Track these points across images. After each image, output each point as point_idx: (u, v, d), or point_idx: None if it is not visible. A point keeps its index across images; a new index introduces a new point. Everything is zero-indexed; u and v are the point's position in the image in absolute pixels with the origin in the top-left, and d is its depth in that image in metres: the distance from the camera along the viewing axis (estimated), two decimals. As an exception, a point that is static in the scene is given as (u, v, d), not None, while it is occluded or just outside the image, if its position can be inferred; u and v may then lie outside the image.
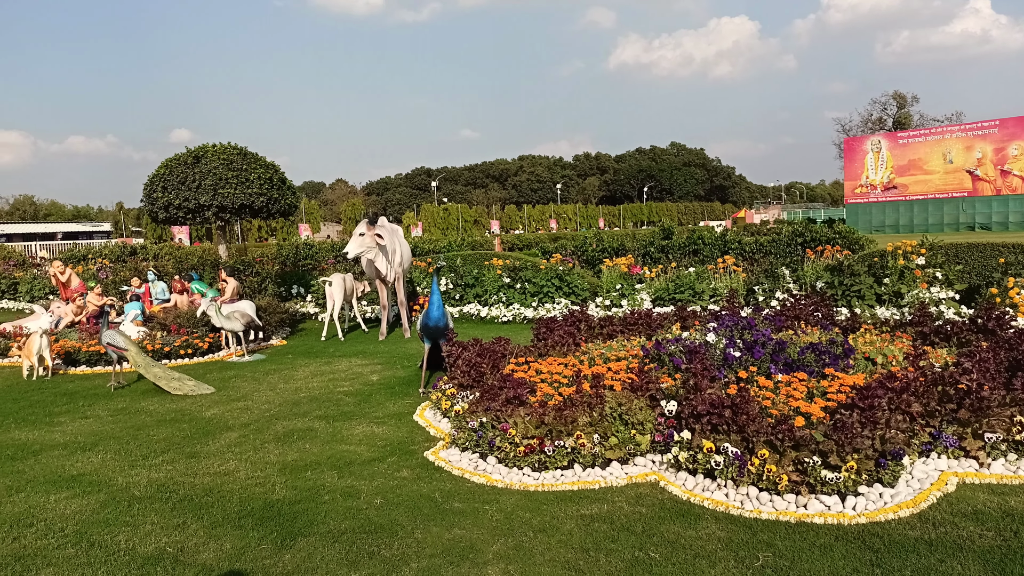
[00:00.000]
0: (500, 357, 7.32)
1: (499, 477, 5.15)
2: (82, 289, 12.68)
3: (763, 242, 15.63)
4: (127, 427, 6.83)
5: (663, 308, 12.34)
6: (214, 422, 6.93)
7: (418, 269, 15.28)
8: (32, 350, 9.22)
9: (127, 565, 4.02)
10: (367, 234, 11.19)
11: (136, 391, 8.37)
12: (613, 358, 7.10)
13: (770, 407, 5.32)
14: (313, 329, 13.17)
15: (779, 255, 14.42)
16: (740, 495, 4.63)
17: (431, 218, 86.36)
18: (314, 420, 6.90)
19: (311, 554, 4.09)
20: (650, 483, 4.97)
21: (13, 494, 5.15)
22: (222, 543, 4.26)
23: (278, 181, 14.89)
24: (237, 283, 12.65)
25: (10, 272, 20.93)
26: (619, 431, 5.24)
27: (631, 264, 14.10)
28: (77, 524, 4.59)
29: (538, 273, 14.01)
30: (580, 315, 9.02)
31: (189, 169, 14.07)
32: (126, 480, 5.36)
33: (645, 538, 4.17)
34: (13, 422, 7.14)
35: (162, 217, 14.47)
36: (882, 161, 59.94)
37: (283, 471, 5.47)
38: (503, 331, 11.66)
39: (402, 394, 7.84)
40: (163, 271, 16.63)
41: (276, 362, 10.02)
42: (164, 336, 10.63)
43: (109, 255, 24.32)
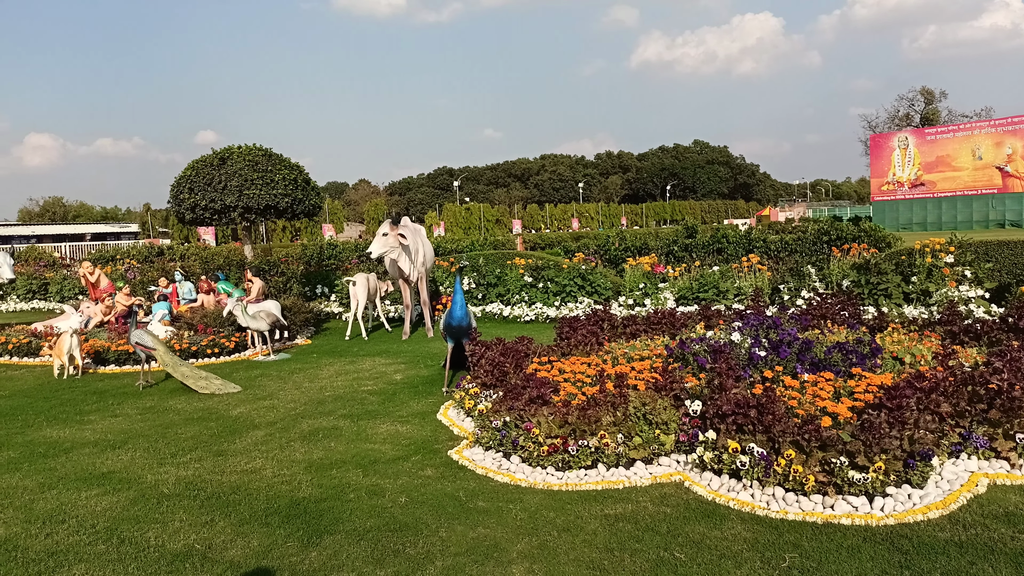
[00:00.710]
0: (523, 356, 7.32)
1: (523, 476, 5.15)
2: (111, 289, 12.87)
3: (788, 240, 15.49)
4: (155, 425, 6.93)
5: (687, 307, 12.28)
6: (241, 420, 7.00)
7: (441, 269, 15.33)
8: (63, 349, 9.38)
9: (156, 562, 4.07)
10: (390, 234, 11.25)
11: (164, 390, 8.49)
12: (637, 357, 7.08)
13: (796, 407, 5.28)
14: (337, 328, 13.26)
15: (805, 253, 14.29)
16: (766, 496, 4.60)
17: (453, 218, 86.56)
18: (339, 419, 6.96)
19: (337, 552, 4.13)
20: (675, 483, 4.95)
21: (45, 491, 5.25)
22: (249, 540, 4.31)
23: (302, 182, 15.01)
24: (262, 283, 12.77)
25: (41, 272, 21.28)
26: (643, 431, 5.22)
27: (654, 263, 14.03)
28: (108, 521, 4.66)
29: (560, 272, 14.00)
30: (603, 314, 9.00)
31: (215, 170, 14.22)
32: (155, 478, 5.44)
33: (670, 538, 4.15)
34: (45, 420, 7.26)
35: (189, 218, 14.65)
36: (909, 158, 59.11)
37: (309, 469, 5.52)
38: (525, 330, 11.67)
39: (425, 393, 7.87)
40: (190, 271, 16.83)
41: (301, 361, 10.11)
42: (191, 335, 10.76)
43: (137, 256, 24.66)
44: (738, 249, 15.31)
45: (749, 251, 14.91)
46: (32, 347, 10.83)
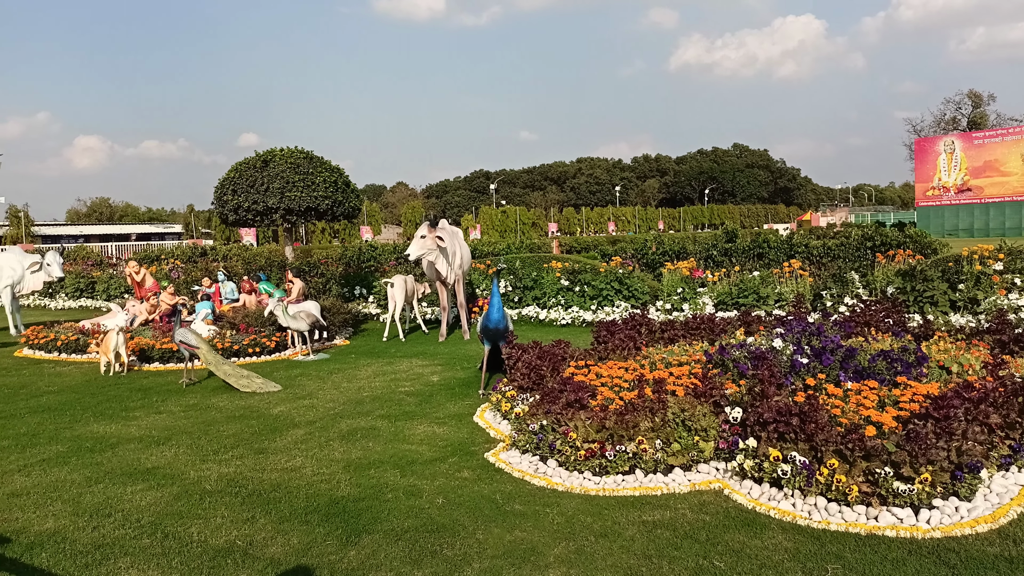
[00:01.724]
0: (560, 360, 7.31)
1: (559, 480, 5.14)
2: (155, 288, 13.15)
3: (831, 246, 15.24)
4: (198, 423, 7.06)
5: (726, 313, 12.14)
6: (281, 419, 7.10)
7: (477, 271, 15.38)
8: (109, 347, 9.60)
9: (199, 557, 4.15)
10: (428, 236, 11.31)
11: (207, 388, 8.65)
12: (675, 363, 7.02)
13: (839, 416, 5.18)
14: (375, 329, 13.38)
15: (848, 259, 14.04)
16: (808, 505, 4.52)
17: (489, 220, 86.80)
18: (377, 419, 7.01)
19: (375, 551, 4.16)
20: (714, 491, 4.89)
21: (93, 485, 5.38)
22: (289, 538, 4.36)
23: (342, 184, 15.19)
24: (303, 284, 12.94)
25: (88, 271, 21.84)
26: (682, 437, 5.17)
27: (693, 267, 13.91)
28: (152, 516, 4.76)
29: (597, 276, 13.94)
30: (640, 319, 8.94)
31: (258, 173, 14.46)
32: (198, 474, 5.54)
33: (709, 546, 4.10)
34: (92, 416, 7.44)
35: (232, 219, 14.91)
36: (955, 162, 57.78)
37: (347, 468, 5.58)
38: (562, 334, 11.65)
39: (462, 395, 7.90)
40: (232, 272, 17.13)
41: (339, 361, 10.22)
42: (233, 335, 10.95)
43: (181, 256, 25.18)
44: (779, 254, 15.11)
45: (791, 256, 14.71)
46: (80, 344, 11.10)
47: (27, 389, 8.82)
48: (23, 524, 4.66)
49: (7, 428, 7.01)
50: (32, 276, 13.77)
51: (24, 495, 5.18)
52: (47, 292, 20.55)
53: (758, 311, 11.89)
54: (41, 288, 14.32)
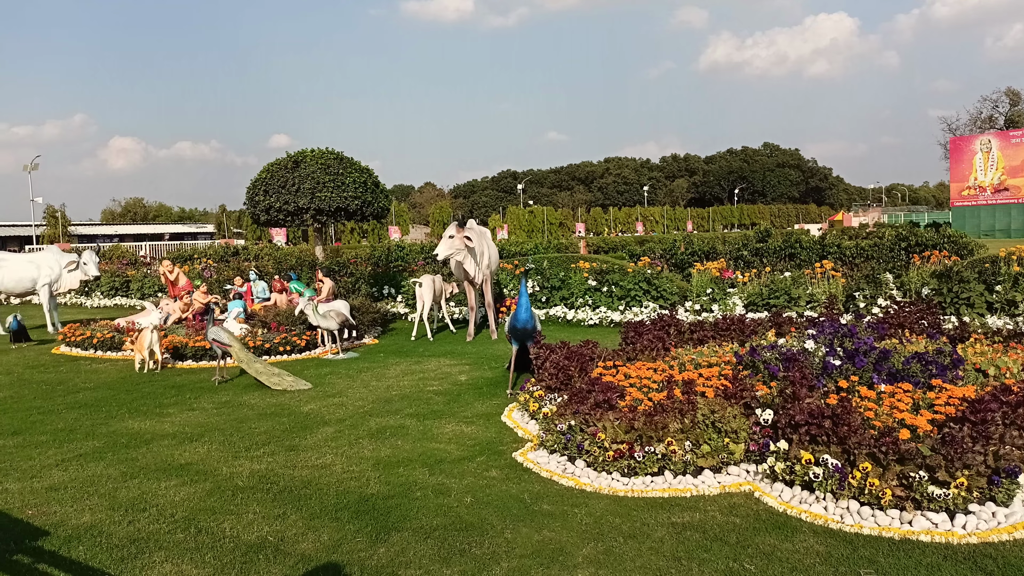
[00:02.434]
0: (588, 360, 7.30)
1: (587, 481, 5.13)
2: (189, 287, 13.35)
3: (864, 246, 15.02)
4: (230, 420, 7.16)
5: (756, 314, 12.02)
6: (311, 417, 7.18)
7: (504, 271, 15.40)
8: (144, 344, 9.77)
9: (232, 552, 4.21)
10: (456, 236, 11.35)
11: (238, 385, 8.76)
12: (705, 364, 6.96)
13: (872, 418, 5.10)
14: (403, 329, 13.45)
15: (881, 260, 13.83)
16: (840, 509, 4.47)
17: (516, 221, 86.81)
18: (405, 418, 7.06)
19: (404, 548, 4.19)
20: (744, 493, 4.85)
21: (128, 480, 5.48)
22: (320, 534, 4.41)
23: (372, 185, 15.29)
24: (333, 283, 13.05)
25: (123, 270, 22.23)
26: (712, 439, 5.14)
27: (723, 268, 13.80)
28: (186, 511, 4.84)
29: (625, 276, 13.89)
30: (669, 319, 8.89)
31: (289, 173, 14.62)
32: (230, 470, 5.61)
33: (739, 549, 4.07)
34: (127, 412, 7.58)
35: (264, 220, 15.08)
36: (992, 162, 56.62)
37: (377, 466, 5.62)
38: (589, 334, 11.62)
39: (490, 395, 7.91)
40: (263, 271, 17.33)
41: (369, 360, 10.29)
42: (264, 333, 11.08)
43: (213, 255, 25.53)
44: (811, 255, 14.92)
45: (823, 257, 14.52)
46: (115, 342, 11.30)
47: (64, 385, 9.00)
48: (61, 517, 4.76)
49: (45, 423, 7.17)
50: (69, 275, 14.05)
51: (62, 489, 5.29)
52: (83, 290, 20.96)
53: (789, 312, 11.75)
54: (77, 287, 14.59)
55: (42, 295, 14.02)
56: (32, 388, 8.88)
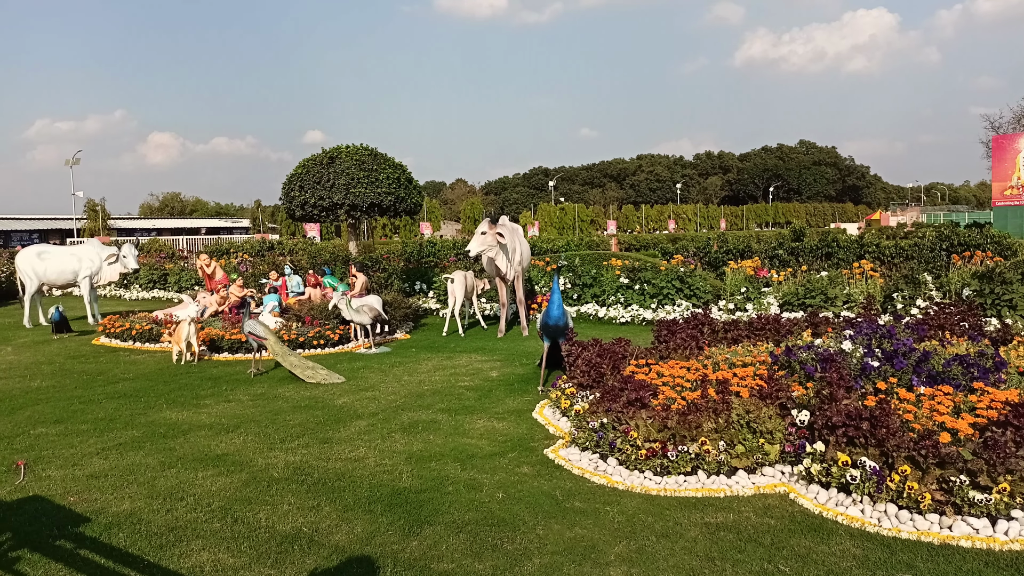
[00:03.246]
0: (620, 358, 7.26)
1: (619, 479, 5.11)
2: (225, 281, 13.54)
3: (903, 246, 14.74)
4: (265, 411, 7.26)
5: (792, 313, 11.87)
6: (344, 410, 7.24)
7: (535, 268, 15.39)
8: (181, 337, 9.94)
9: (267, 542, 4.26)
10: (489, 233, 11.36)
11: (273, 378, 8.87)
12: (739, 363, 6.90)
13: (911, 421, 5.01)
14: (434, 324, 13.51)
15: (921, 260, 13.56)
16: (877, 512, 4.40)
17: (547, 217, 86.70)
18: (437, 413, 7.09)
19: (437, 542, 4.21)
20: (779, 494, 4.80)
21: (166, 469, 5.58)
22: (353, 526, 4.45)
23: (405, 181, 15.38)
24: (366, 278, 13.15)
25: (161, 264, 22.64)
26: (746, 439, 5.08)
27: (757, 267, 13.64)
28: (222, 500, 4.91)
29: (658, 274, 13.80)
30: (703, 318, 8.81)
31: (324, 169, 14.76)
32: (265, 461, 5.69)
33: (774, 551, 4.02)
34: (165, 403, 7.72)
35: (299, 215, 15.25)
36: (1038, 160, 55.07)
37: (409, 460, 5.66)
38: (621, 332, 11.56)
39: (521, 391, 7.92)
40: (298, 265, 17.53)
41: (400, 355, 10.36)
42: (299, 327, 11.21)
43: (249, 250, 25.87)
44: (848, 254, 14.69)
45: (860, 256, 14.28)
46: (153, 333, 11.51)
47: (104, 376, 9.19)
48: (101, 505, 4.86)
49: (86, 412, 7.33)
50: (109, 267, 14.35)
51: (102, 477, 5.40)
52: (122, 283, 21.38)
53: (826, 312, 11.58)
54: (117, 279, 14.89)
55: (83, 287, 14.33)
56: (73, 378, 9.08)
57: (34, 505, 4.88)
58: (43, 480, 5.35)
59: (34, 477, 5.41)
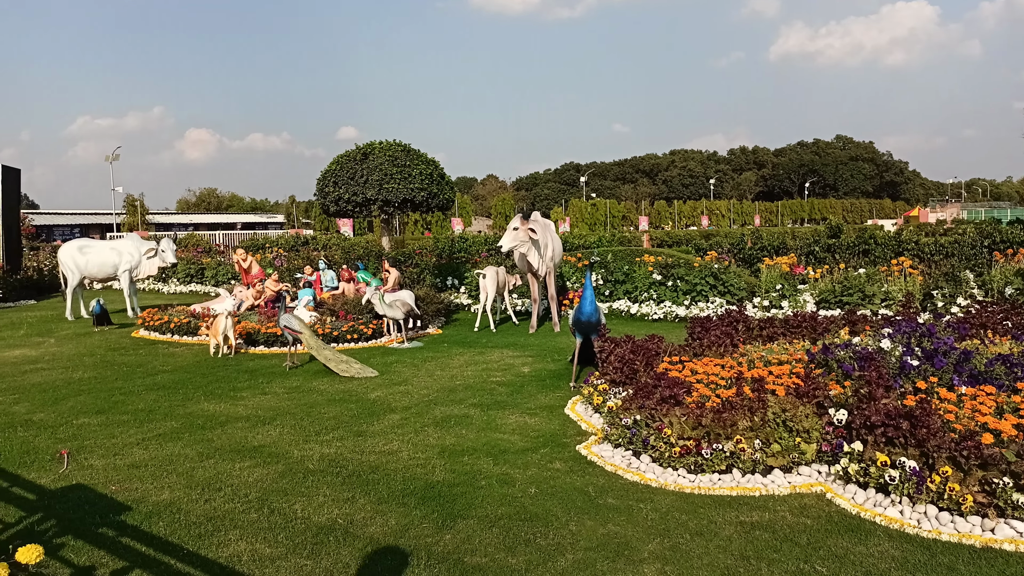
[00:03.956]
0: (653, 355, 7.22)
1: (653, 476, 5.09)
2: (261, 275, 13.72)
3: (944, 243, 14.44)
4: (301, 404, 7.35)
5: (828, 311, 11.70)
6: (378, 404, 7.31)
7: (567, 264, 15.35)
8: (218, 330, 10.10)
9: (303, 532, 4.32)
10: (520, 228, 11.37)
11: (308, 371, 8.98)
12: (775, 361, 6.82)
13: (953, 421, 4.92)
14: (466, 320, 13.56)
15: (962, 257, 13.27)
16: (917, 513, 4.32)
17: (579, 213, 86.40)
18: (469, 407, 7.12)
19: (470, 536, 4.23)
20: (815, 494, 4.74)
21: (204, 460, 5.68)
22: (387, 519, 4.49)
23: (437, 176, 15.44)
24: (398, 273, 13.25)
25: (198, 258, 23.01)
26: (782, 438, 5.03)
27: (793, 263, 13.46)
28: (259, 491, 4.99)
29: (691, 271, 13.68)
30: (737, 315, 8.73)
31: (358, 165, 14.88)
32: (301, 453, 5.76)
33: (810, 551, 3.98)
34: (203, 395, 7.85)
35: (333, 210, 15.39)
36: (1085, 155, 53.57)
37: (442, 454, 5.69)
38: (653, 329, 11.50)
39: (553, 387, 7.91)
40: (332, 260, 17.70)
41: (433, 350, 10.41)
42: (333, 321, 11.32)
43: (284, 245, 26.18)
44: (886, 251, 14.42)
45: (899, 253, 14.02)
46: (191, 327, 11.71)
47: (143, 368, 9.38)
48: (142, 494, 4.97)
49: (127, 404, 7.48)
50: (148, 261, 14.62)
51: (142, 467, 5.52)
52: (161, 277, 21.78)
53: (863, 310, 11.40)
54: (156, 273, 15.17)
55: (123, 280, 14.63)
56: (114, 370, 9.28)
57: (77, 493, 5.00)
58: (86, 469, 5.48)
59: (77, 466, 5.54)
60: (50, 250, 24.30)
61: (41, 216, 59.69)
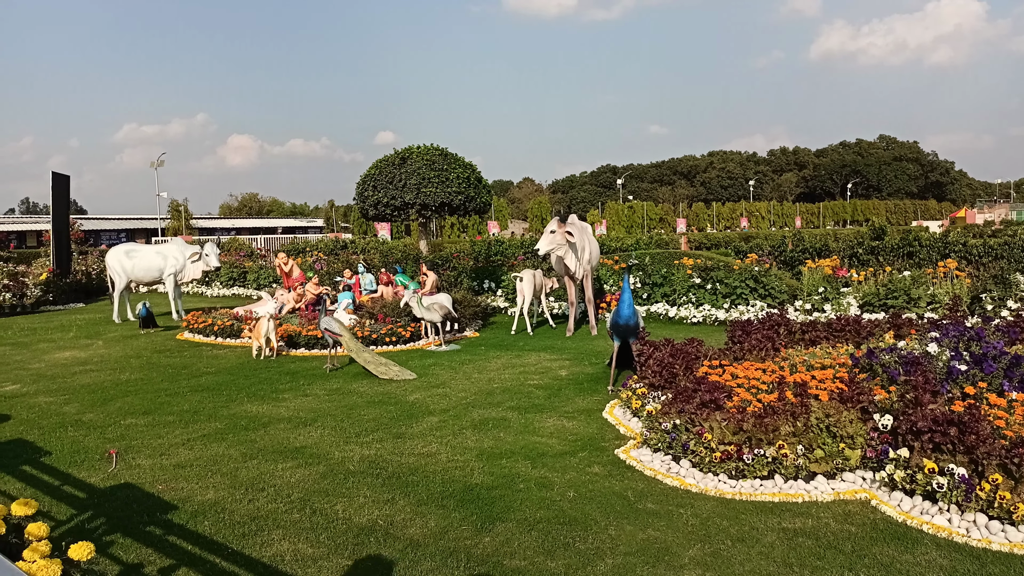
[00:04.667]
0: (693, 359, 7.16)
1: (693, 481, 5.04)
2: (302, 279, 13.91)
3: (992, 245, 14.06)
4: (341, 406, 7.43)
5: (872, 314, 11.47)
6: (417, 406, 7.36)
7: (605, 267, 15.29)
8: (261, 332, 10.26)
9: (344, 533, 4.37)
10: (558, 231, 11.35)
11: (348, 373, 9.07)
12: (818, 366, 6.71)
13: (1003, 428, 4.79)
14: (503, 323, 13.58)
15: (1011, 259, 12.91)
16: (966, 522, 4.22)
17: (615, 216, 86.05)
18: (507, 410, 7.13)
19: (509, 539, 4.24)
20: (860, 501, 4.65)
21: (247, 460, 5.77)
22: (427, 520, 4.52)
23: (474, 180, 15.51)
24: (436, 277, 13.33)
25: (241, 262, 23.41)
26: (826, 443, 4.95)
27: (836, 266, 13.23)
28: (301, 492, 5.06)
29: (731, 273, 13.53)
30: (779, 318, 8.61)
31: (396, 169, 15.02)
32: (342, 455, 5.83)
33: (855, 558, 3.91)
34: (245, 396, 7.99)
35: (372, 214, 15.55)
36: None
37: (480, 457, 5.71)
38: (692, 332, 11.39)
39: (590, 390, 7.89)
40: (371, 264, 17.87)
41: (470, 353, 10.45)
42: (372, 324, 11.43)
43: (323, 248, 26.51)
44: (932, 253, 14.11)
45: (945, 256, 13.70)
46: (234, 329, 11.92)
47: (188, 369, 9.57)
48: (187, 494, 5.07)
49: (172, 405, 7.65)
50: (192, 265, 14.92)
51: (188, 467, 5.63)
52: (204, 280, 22.20)
53: (908, 314, 11.16)
54: (200, 276, 15.47)
55: (168, 284, 14.95)
56: (159, 371, 9.48)
57: (125, 492, 5.12)
58: (133, 468, 5.61)
59: (125, 465, 5.68)
60: (98, 254, 24.92)
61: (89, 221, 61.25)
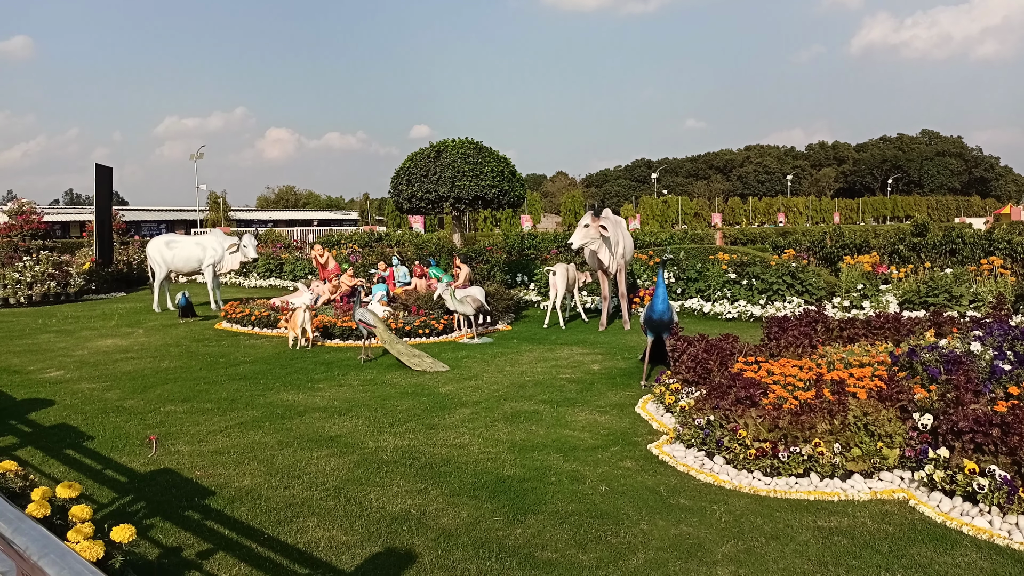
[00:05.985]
0: (728, 355, 7.09)
1: (727, 478, 5.00)
2: (337, 271, 14.06)
3: (1038, 242, 13.71)
4: (375, 396, 7.51)
5: (913, 312, 11.25)
6: (449, 398, 7.40)
7: (638, 261, 15.20)
8: (297, 323, 10.40)
9: (378, 522, 4.42)
10: (591, 225, 11.31)
11: (381, 364, 9.16)
12: (856, 363, 6.60)
13: (1049, 430, 4.67)
14: (535, 316, 13.58)
15: (1059, 257, 12.57)
16: (1008, 524, 4.13)
17: (649, 210, 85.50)
18: (539, 404, 7.14)
19: (540, 531, 4.25)
20: (897, 500, 4.58)
21: (284, 448, 5.86)
22: (459, 511, 4.55)
23: (508, 174, 15.49)
24: (469, 270, 13.37)
25: (277, 254, 23.72)
26: (863, 442, 4.87)
27: (875, 262, 12.99)
28: (336, 480, 5.12)
29: (767, 269, 13.36)
30: (816, 315, 8.48)
31: (431, 163, 15.06)
32: (375, 444, 5.89)
33: (892, 559, 3.85)
34: (282, 385, 8.10)
35: (406, 207, 15.62)
36: None
37: (512, 449, 5.73)
38: (727, 328, 11.28)
39: (623, 385, 7.86)
40: (404, 257, 17.99)
41: (502, 346, 10.47)
42: (405, 316, 11.52)
43: (358, 241, 26.74)
44: (975, 250, 13.79)
45: (989, 253, 13.37)
46: (271, 319, 12.09)
47: (226, 358, 9.74)
48: (225, 480, 5.17)
49: (210, 392, 7.79)
50: (231, 256, 15.16)
51: (225, 454, 5.74)
52: (242, 271, 22.55)
53: (950, 311, 10.92)
54: (237, 267, 15.72)
55: (207, 274, 15.21)
56: (198, 360, 9.66)
57: (165, 477, 5.23)
58: (172, 454, 5.73)
59: (164, 451, 5.80)
60: (139, 245, 25.45)
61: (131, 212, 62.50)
